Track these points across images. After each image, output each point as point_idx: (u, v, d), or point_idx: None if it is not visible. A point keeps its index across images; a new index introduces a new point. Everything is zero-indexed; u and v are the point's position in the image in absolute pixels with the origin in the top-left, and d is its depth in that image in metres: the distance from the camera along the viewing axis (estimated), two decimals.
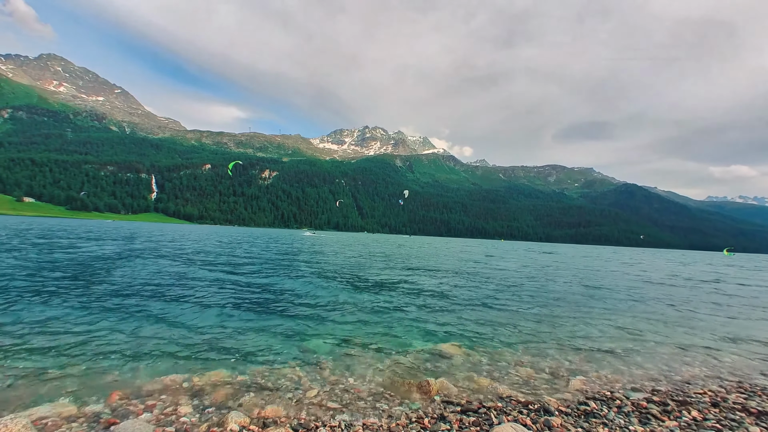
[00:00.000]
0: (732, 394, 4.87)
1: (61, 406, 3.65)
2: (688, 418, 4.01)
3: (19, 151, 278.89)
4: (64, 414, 3.51)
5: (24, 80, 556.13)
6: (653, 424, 3.85)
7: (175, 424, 3.49)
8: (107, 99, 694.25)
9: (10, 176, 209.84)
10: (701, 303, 12.56)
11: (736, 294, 15.62)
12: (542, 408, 4.10)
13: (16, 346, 5.05)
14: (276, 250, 28.09)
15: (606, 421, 3.85)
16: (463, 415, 3.90)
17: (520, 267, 24.01)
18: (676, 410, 4.21)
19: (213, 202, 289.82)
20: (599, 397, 4.56)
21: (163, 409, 3.74)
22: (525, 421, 3.74)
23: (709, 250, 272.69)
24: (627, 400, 4.44)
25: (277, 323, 7.02)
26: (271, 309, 8.16)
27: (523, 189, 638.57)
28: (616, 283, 17.25)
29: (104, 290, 9.03)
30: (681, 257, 70.63)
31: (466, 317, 8.41)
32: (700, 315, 10.37)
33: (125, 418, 3.49)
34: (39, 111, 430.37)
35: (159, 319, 6.83)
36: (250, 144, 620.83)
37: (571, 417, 3.94)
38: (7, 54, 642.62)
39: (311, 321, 7.34)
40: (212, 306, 8.05)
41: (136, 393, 4.03)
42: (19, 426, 3.08)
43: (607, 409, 4.16)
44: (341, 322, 7.40)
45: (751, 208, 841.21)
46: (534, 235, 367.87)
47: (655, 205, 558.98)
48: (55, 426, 3.31)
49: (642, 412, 4.11)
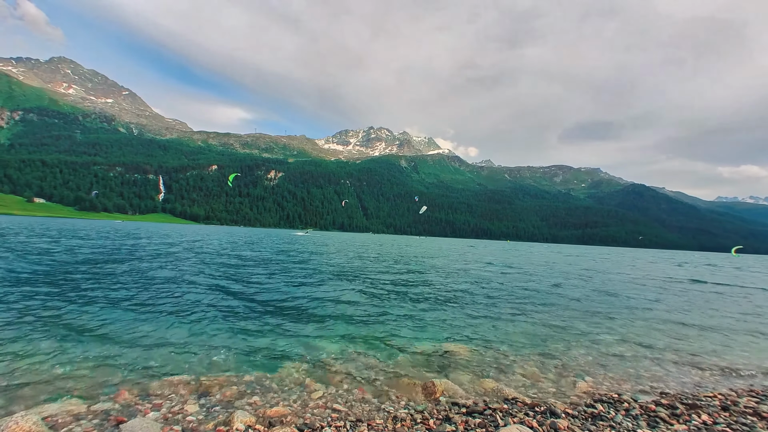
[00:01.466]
0: (743, 397, 4.77)
1: (71, 403, 3.71)
2: (698, 422, 3.93)
3: (29, 152, 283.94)
4: (73, 411, 3.57)
5: (35, 83, 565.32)
6: (662, 427, 3.77)
7: (182, 422, 3.53)
8: (116, 101, 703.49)
9: (21, 177, 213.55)
10: (707, 305, 12.36)
11: (744, 296, 15.35)
12: (549, 410, 4.05)
13: (26, 345, 5.13)
14: (278, 249, 28.21)
15: (614, 424, 3.78)
16: (468, 417, 3.86)
17: (525, 268, 23.84)
18: (685, 414, 4.14)
19: (219, 202, 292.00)
20: (607, 399, 4.50)
21: (170, 407, 3.78)
22: (531, 423, 3.69)
23: (718, 251, 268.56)
24: (635, 403, 4.37)
25: (281, 324, 7.05)
26: (276, 309, 8.20)
27: (529, 189, 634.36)
28: (623, 286, 17.05)
29: (113, 289, 9.13)
30: (693, 259, 69.60)
31: (472, 318, 8.37)
32: (708, 317, 10.20)
33: (133, 416, 3.55)
34: (49, 113, 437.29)
35: (167, 318, 6.89)
36: (256, 145, 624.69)
37: (578, 420, 3.89)
38: (18, 57, 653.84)
39: (316, 321, 7.36)
40: (218, 306, 8.11)
41: (144, 392, 4.07)
42: (30, 423, 3.14)
43: (614, 412, 4.10)
44: (346, 322, 7.41)
45: (762, 209, 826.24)
46: (540, 236, 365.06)
47: (663, 205, 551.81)
48: (64, 423, 3.37)
49: (650, 416, 4.04)
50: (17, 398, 3.77)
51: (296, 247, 34.26)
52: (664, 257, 68.74)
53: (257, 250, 26.24)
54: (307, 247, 35.29)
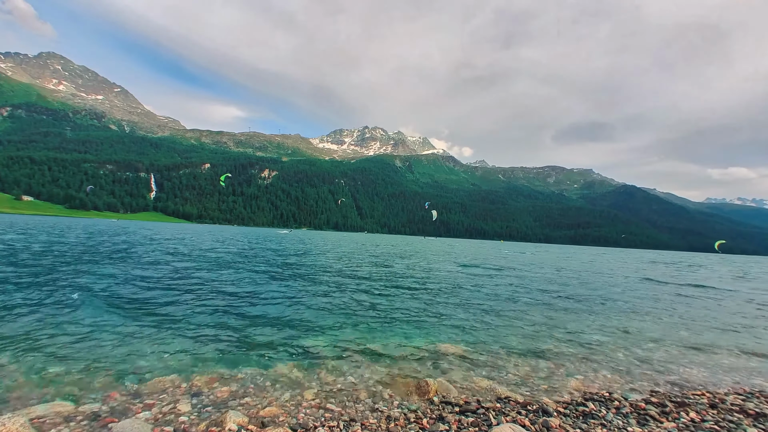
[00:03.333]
0: (730, 395, 4.87)
1: (60, 405, 3.62)
2: (687, 420, 4.01)
3: (18, 149, 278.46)
4: (62, 413, 3.49)
5: (23, 78, 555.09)
6: (651, 425, 3.83)
7: (174, 423, 3.47)
8: (107, 97, 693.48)
9: (9, 174, 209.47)
10: (697, 304, 12.58)
11: (732, 295, 15.64)
12: (541, 409, 4.09)
13: (14, 345, 5.04)
14: (268, 248, 28.08)
15: (604, 422, 3.83)
16: (461, 416, 3.88)
17: (519, 268, 24.02)
18: (674, 411, 4.21)
19: (212, 201, 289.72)
20: (598, 398, 4.56)
21: (161, 407, 3.73)
22: (524, 421, 3.73)
23: (707, 252, 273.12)
24: (625, 401, 4.44)
25: (274, 323, 7.02)
26: (269, 309, 8.15)
27: (523, 190, 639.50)
28: (614, 285, 17.27)
29: (103, 288, 9.00)
30: (681, 259, 70.74)
31: (465, 317, 8.41)
32: (699, 316, 10.38)
33: (124, 417, 3.48)
34: (38, 109, 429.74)
35: (158, 318, 6.82)
36: (250, 143, 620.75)
37: (569, 418, 3.94)
38: (6, 52, 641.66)
39: (308, 321, 7.33)
40: (210, 306, 8.05)
41: (135, 392, 4.02)
42: (17, 425, 3.06)
43: (605, 410, 4.15)
44: (339, 322, 7.38)
45: (749, 210, 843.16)
46: (533, 236, 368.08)
47: (654, 206, 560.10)
48: (53, 425, 3.29)
49: (640, 414, 4.11)
50: (4, 400, 3.68)
51: (287, 246, 34.11)
52: (660, 258, 69.74)
53: (251, 248, 26.07)
54: (295, 245, 35.16)
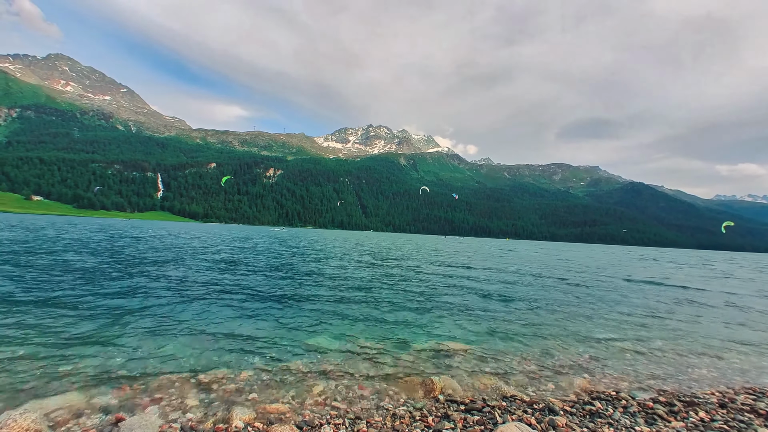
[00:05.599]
0: (740, 395, 4.80)
1: (70, 400, 3.69)
2: (696, 419, 3.96)
3: (27, 150, 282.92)
4: (73, 407, 3.57)
5: (32, 80, 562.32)
6: (659, 424, 3.79)
7: (181, 419, 3.54)
8: (113, 98, 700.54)
9: (19, 175, 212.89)
10: (706, 303, 12.42)
11: (745, 295, 15.42)
12: (547, 407, 4.07)
13: (27, 341, 5.13)
14: (271, 248, 28.21)
15: (611, 421, 3.80)
16: (467, 414, 3.87)
17: (524, 265, 23.89)
18: (683, 411, 4.16)
19: (218, 200, 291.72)
20: (604, 397, 4.52)
21: (169, 403, 3.79)
22: (529, 420, 3.71)
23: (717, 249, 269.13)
24: (633, 400, 4.39)
25: (281, 321, 7.05)
26: (275, 307, 8.19)
27: (528, 187, 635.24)
28: (620, 284, 17.11)
29: (114, 286, 9.13)
30: (690, 258, 69.83)
31: (471, 316, 8.38)
32: (707, 315, 10.25)
33: (132, 412, 3.55)
34: (47, 110, 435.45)
35: (166, 316, 6.89)
36: (255, 143, 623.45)
37: (576, 417, 3.91)
38: (15, 54, 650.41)
39: (315, 318, 7.36)
40: (217, 303, 8.10)
41: (143, 388, 4.07)
42: (29, 420, 3.13)
43: (612, 409, 4.12)
44: (345, 319, 7.41)
45: (760, 207, 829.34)
46: (539, 234, 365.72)
47: (662, 203, 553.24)
48: (64, 419, 3.36)
49: (648, 413, 4.07)
50: (16, 394, 3.75)
51: (292, 242, 34.25)
52: (672, 256, 68.93)
53: (256, 246, 26.21)
54: (292, 244, 35.28)
